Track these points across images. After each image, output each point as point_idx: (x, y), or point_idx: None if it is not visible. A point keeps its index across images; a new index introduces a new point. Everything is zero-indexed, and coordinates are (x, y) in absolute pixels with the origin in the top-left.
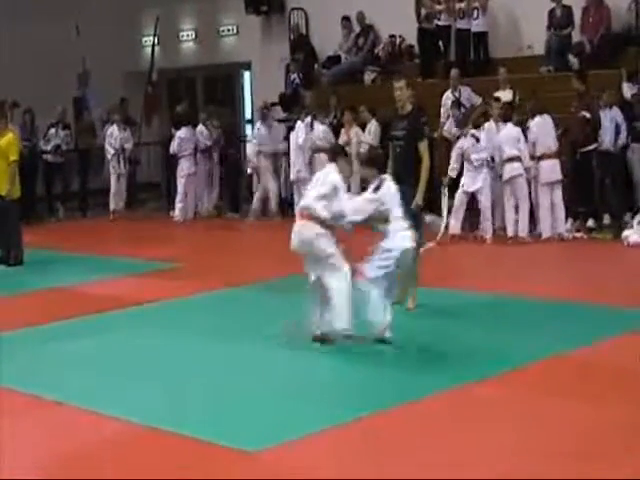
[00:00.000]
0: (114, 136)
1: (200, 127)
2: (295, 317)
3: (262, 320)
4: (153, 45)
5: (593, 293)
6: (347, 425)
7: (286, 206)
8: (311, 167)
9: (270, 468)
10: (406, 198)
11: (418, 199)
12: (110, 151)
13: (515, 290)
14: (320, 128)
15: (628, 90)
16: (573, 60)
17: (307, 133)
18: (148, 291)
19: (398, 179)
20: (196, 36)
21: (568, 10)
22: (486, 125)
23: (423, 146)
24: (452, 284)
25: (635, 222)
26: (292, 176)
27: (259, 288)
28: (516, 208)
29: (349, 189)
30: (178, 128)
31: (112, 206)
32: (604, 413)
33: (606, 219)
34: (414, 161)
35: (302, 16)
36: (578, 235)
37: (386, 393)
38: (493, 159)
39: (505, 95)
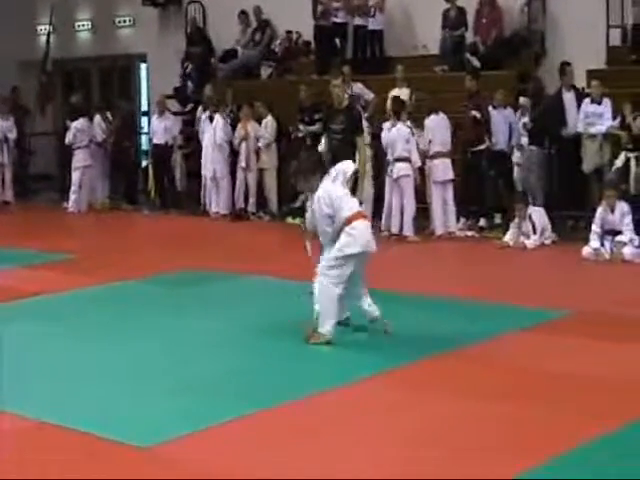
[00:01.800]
0: None
1: (97, 119)
2: (190, 311)
3: (156, 314)
4: (48, 34)
5: (485, 291)
6: (244, 418)
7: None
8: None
9: (164, 463)
10: None
11: (360, 191)
12: None
13: (406, 288)
14: (220, 122)
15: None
16: (472, 59)
17: (211, 127)
18: (39, 283)
19: None
20: (92, 26)
21: (462, 11)
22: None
23: (360, 140)
24: None
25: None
26: (209, 173)
27: (153, 281)
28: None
29: None
30: (73, 119)
31: None
32: (493, 409)
33: (497, 218)
34: (351, 154)
35: (199, 9)
36: (469, 234)
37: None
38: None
39: (402, 93)
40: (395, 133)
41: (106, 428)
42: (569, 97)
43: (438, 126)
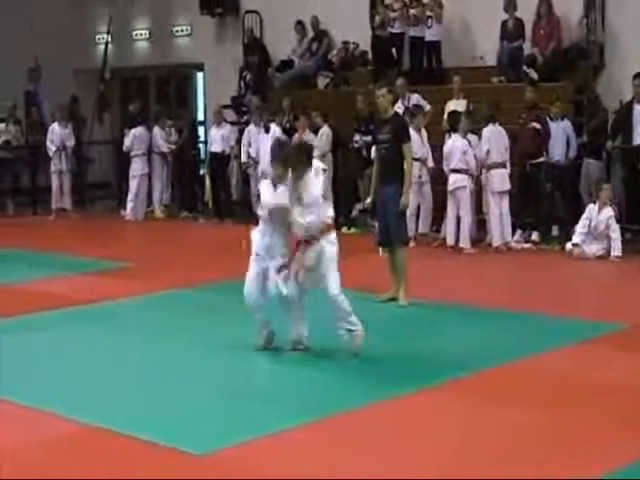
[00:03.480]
0: (55, 133)
1: (156, 128)
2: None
3: (210, 322)
4: (106, 43)
5: (541, 303)
6: (292, 430)
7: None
8: None
9: (217, 471)
10: (394, 198)
11: (404, 200)
12: (51, 148)
13: (462, 299)
14: (277, 131)
15: None
16: (530, 71)
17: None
18: (97, 290)
19: (383, 180)
20: (150, 35)
21: (520, 22)
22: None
23: (406, 148)
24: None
25: (577, 236)
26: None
27: (209, 289)
28: (459, 219)
29: None
30: (131, 127)
31: (54, 204)
32: (546, 420)
33: (555, 231)
34: (398, 163)
35: (256, 19)
36: (526, 246)
37: (329, 399)
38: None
39: (459, 104)
40: (451, 145)
41: (160, 434)
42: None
43: (495, 136)
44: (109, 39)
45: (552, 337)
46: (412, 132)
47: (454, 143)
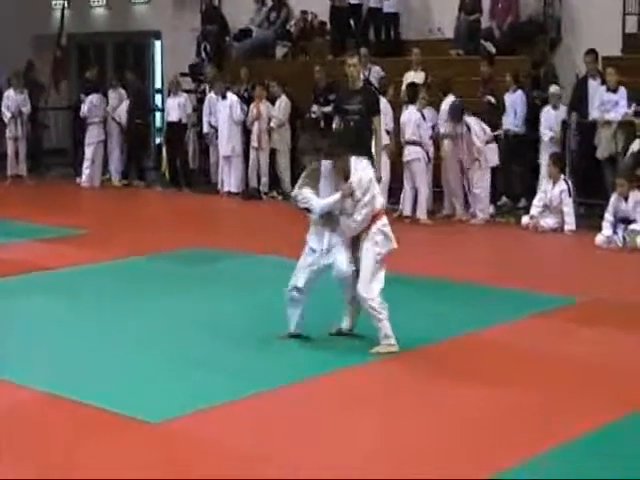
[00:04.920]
0: (10, 99)
1: (111, 95)
2: (196, 290)
3: (166, 291)
4: (63, 9)
5: (496, 276)
6: (247, 399)
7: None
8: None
9: (169, 439)
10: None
11: (377, 174)
12: (7, 114)
13: (419, 272)
14: (234, 99)
15: None
16: (487, 44)
17: (222, 105)
18: (52, 257)
19: (354, 152)
20: (107, 2)
21: None
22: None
23: (377, 120)
24: None
25: (533, 209)
26: (225, 151)
27: (163, 258)
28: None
29: None
30: (88, 94)
31: (9, 170)
32: (496, 395)
33: (503, 202)
34: (368, 135)
35: None
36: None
37: (287, 371)
38: None
39: (417, 76)
40: (407, 117)
41: (116, 402)
42: (594, 84)
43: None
44: (66, 5)
45: (506, 310)
46: (384, 104)
47: (409, 115)
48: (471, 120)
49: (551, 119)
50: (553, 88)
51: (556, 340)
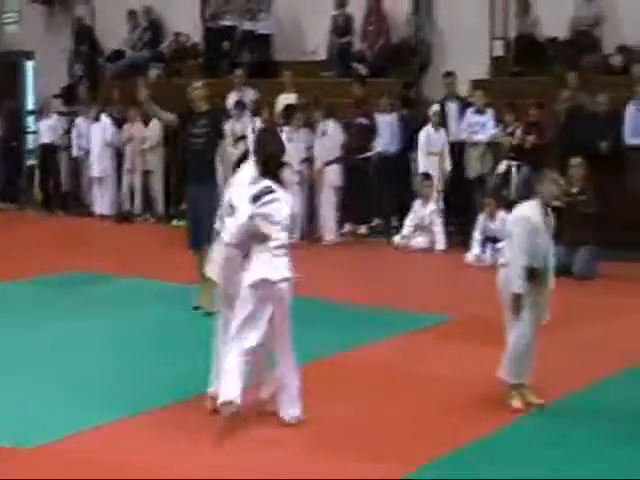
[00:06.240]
0: None
1: None
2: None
3: (39, 316)
4: None
5: (368, 296)
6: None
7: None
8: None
9: (42, 463)
10: (212, 196)
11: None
12: None
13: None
14: (107, 121)
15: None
16: (359, 66)
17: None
18: None
19: (198, 177)
20: None
21: (349, 18)
22: None
23: (224, 143)
24: None
25: (405, 229)
26: (96, 173)
27: (37, 283)
28: None
29: None
30: None
31: None
32: (369, 411)
33: (376, 222)
34: (213, 159)
35: (87, 8)
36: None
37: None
38: None
39: (290, 98)
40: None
41: None
42: (452, 107)
43: (333, 132)
44: None
45: (376, 329)
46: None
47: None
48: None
49: (435, 139)
50: (436, 107)
51: (426, 357)
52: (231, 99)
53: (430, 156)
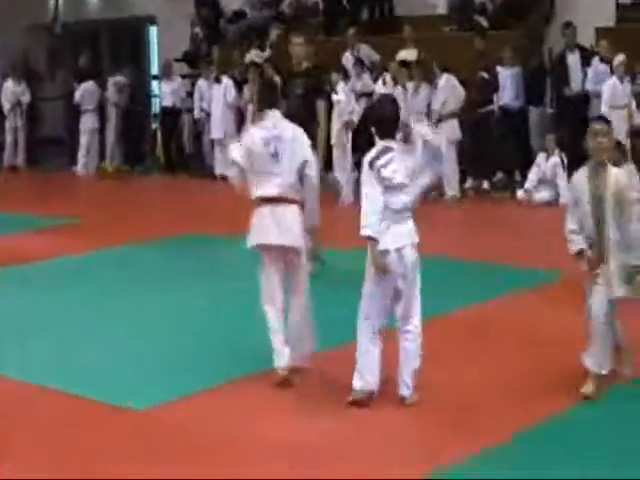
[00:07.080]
0: (9, 90)
1: (110, 81)
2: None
3: (163, 279)
4: None
5: (490, 252)
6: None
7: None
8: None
9: (154, 425)
10: None
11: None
12: (6, 105)
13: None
14: (228, 83)
15: None
16: (480, 19)
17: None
18: (47, 247)
19: None
20: None
21: None
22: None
23: (321, 105)
24: (341, 242)
25: (528, 183)
26: (218, 135)
27: (161, 245)
28: None
29: None
30: (81, 81)
31: (6, 162)
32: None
33: (498, 177)
34: (310, 120)
35: None
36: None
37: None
38: None
39: (410, 54)
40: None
41: (100, 392)
42: (572, 58)
43: (449, 86)
44: None
45: (492, 286)
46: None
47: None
48: None
49: (620, 91)
50: (621, 57)
51: (539, 314)
52: (345, 58)
53: (616, 110)
